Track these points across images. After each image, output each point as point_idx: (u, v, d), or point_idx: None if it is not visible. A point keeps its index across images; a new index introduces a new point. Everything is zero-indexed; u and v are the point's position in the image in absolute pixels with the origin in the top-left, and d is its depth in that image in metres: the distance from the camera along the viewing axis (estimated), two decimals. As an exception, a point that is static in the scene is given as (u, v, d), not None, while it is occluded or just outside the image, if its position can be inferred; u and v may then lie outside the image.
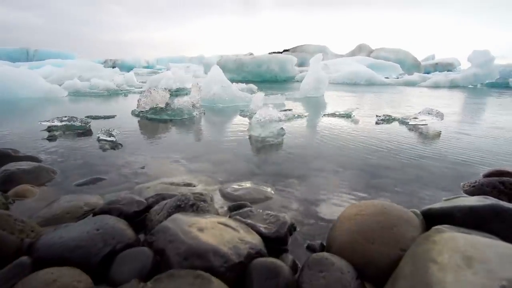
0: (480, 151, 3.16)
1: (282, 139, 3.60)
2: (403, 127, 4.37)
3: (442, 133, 3.98)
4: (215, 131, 4.15)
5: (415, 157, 2.95)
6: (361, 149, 3.20)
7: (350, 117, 4.98)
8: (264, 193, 2.02)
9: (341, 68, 17.04)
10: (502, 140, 3.66)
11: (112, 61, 50.45)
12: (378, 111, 5.87)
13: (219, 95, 6.52)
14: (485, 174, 2.38)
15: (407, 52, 26.57)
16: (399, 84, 15.83)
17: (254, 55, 22.37)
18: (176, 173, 2.47)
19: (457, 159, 2.89)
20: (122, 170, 2.55)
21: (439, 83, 14.31)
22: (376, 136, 3.77)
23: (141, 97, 5.14)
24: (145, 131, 4.12)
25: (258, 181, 2.29)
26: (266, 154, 3.08)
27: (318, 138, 3.66)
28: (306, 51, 28.80)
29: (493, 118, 5.28)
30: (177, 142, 3.49)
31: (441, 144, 3.46)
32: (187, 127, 4.36)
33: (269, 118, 3.57)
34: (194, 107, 5.22)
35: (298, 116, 4.97)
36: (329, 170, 2.56)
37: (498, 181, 1.98)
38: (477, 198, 1.48)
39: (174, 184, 2.20)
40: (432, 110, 4.38)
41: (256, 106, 5.18)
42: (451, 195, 2.09)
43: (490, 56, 14.29)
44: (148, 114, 5.06)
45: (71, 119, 4.21)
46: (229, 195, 1.99)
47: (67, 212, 1.71)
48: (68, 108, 6.82)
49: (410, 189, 2.18)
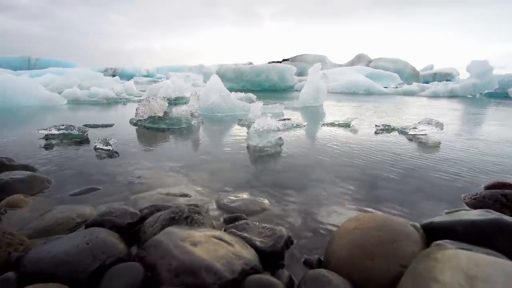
0: (481, 162, 3.13)
1: (280, 149, 3.57)
2: (403, 137, 4.35)
3: (442, 144, 3.96)
4: (213, 140, 4.12)
5: (415, 168, 2.91)
6: (360, 159, 3.17)
7: (349, 127, 4.96)
8: (261, 205, 1.98)
9: (340, 78, 17.13)
10: (503, 151, 3.63)
11: (113, 70, 50.75)
12: (377, 120, 5.86)
13: (218, 104, 6.52)
14: (487, 186, 2.34)
15: (405, 62, 26.78)
16: (398, 93, 15.90)
17: (254, 64, 22.54)
18: (173, 183, 2.43)
19: (458, 170, 2.85)
20: (118, 180, 2.51)
21: (438, 93, 14.37)
22: (375, 146, 3.74)
23: (139, 106, 5.13)
24: (142, 140, 4.09)
25: (255, 192, 2.25)
26: (264, 164, 3.05)
27: (317, 148, 3.63)
28: (305, 60, 29.03)
29: (493, 129, 5.26)
30: (174, 152, 3.45)
31: (441, 154, 3.43)
32: (185, 136, 4.34)
33: (267, 128, 3.54)
34: (192, 116, 5.21)
35: (297, 125, 4.95)
36: (327, 180, 2.53)
37: (500, 194, 1.95)
38: (479, 212, 1.45)
39: (170, 195, 2.16)
40: (431, 120, 4.37)
41: (255, 115, 5.17)
42: (452, 207, 2.05)
43: (488, 66, 14.38)
44: (146, 123, 5.04)
45: (68, 127, 4.18)
46: (225, 206, 1.95)
47: (59, 223, 1.67)
48: (66, 116, 6.80)
49: (410, 201, 2.14)
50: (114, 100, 10.17)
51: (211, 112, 6.56)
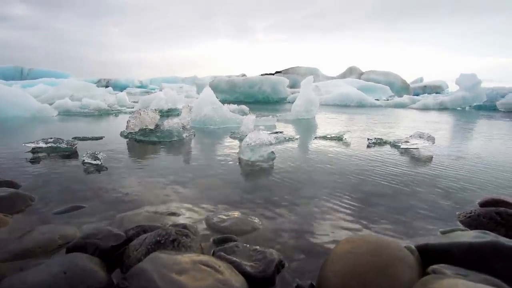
0: (474, 177, 3.13)
1: (272, 163, 3.53)
2: (395, 150, 4.35)
3: (434, 158, 3.97)
4: (204, 154, 4.06)
5: (408, 183, 2.89)
6: (353, 175, 3.14)
7: (341, 140, 4.96)
8: (252, 224, 1.92)
9: (332, 90, 17.33)
10: (494, 165, 3.65)
11: (106, 81, 50.61)
12: (369, 133, 5.88)
13: (210, 116, 6.48)
14: (481, 202, 2.33)
15: (396, 74, 27.27)
16: (389, 106, 16.11)
17: (247, 76, 22.70)
18: (161, 200, 2.35)
19: (451, 186, 2.84)
20: (105, 197, 2.42)
21: (428, 105, 14.60)
22: (368, 160, 3.73)
23: (130, 119, 5.06)
24: (132, 154, 4.01)
25: (247, 210, 2.19)
26: (256, 179, 2.99)
27: (309, 163, 3.60)
28: (297, 73, 29.37)
29: (484, 142, 5.32)
30: (164, 166, 3.38)
31: (433, 169, 3.43)
32: (176, 150, 4.27)
33: (259, 142, 3.51)
34: (184, 129, 5.15)
35: (289, 138, 4.93)
36: (320, 197, 2.48)
37: (495, 212, 1.92)
38: (475, 234, 1.41)
39: (158, 213, 2.09)
40: (423, 134, 4.39)
41: (247, 128, 5.13)
42: (446, 225, 2.02)
43: (477, 79, 14.71)
44: (137, 136, 4.97)
45: (57, 140, 4.09)
46: (215, 226, 1.88)
47: (40, 246, 1.58)
48: (56, 128, 6.68)
49: (404, 219, 2.10)
50: (106, 112, 10.06)
51: (203, 124, 6.51)
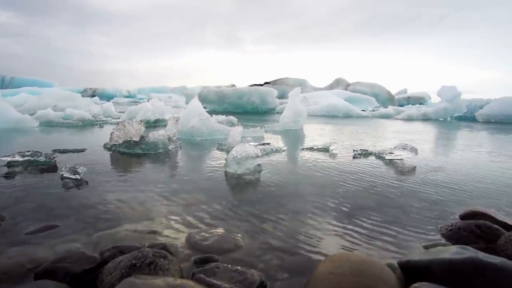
0: (455, 188, 3.17)
1: (259, 176, 3.50)
2: (380, 161, 4.40)
3: (417, 169, 4.03)
4: (190, 167, 4.00)
5: (392, 195, 2.91)
6: (338, 187, 3.14)
7: (328, 151, 4.98)
8: (235, 242, 1.87)
9: (320, 101, 17.57)
10: (474, 177, 3.72)
11: (92, 90, 49.91)
12: (356, 143, 5.95)
13: (198, 128, 6.43)
14: (461, 215, 2.35)
15: (381, 86, 27.94)
16: (375, 116, 16.42)
17: (236, 87, 22.81)
18: (143, 217, 2.28)
19: (433, 197, 2.87)
20: (83, 214, 2.33)
21: (412, 116, 14.97)
22: (353, 172, 3.74)
23: (114, 130, 4.96)
24: (115, 167, 3.91)
25: (231, 226, 2.14)
26: (242, 193, 2.95)
27: (296, 175, 3.58)
28: (286, 83, 29.71)
29: (464, 153, 5.45)
30: (147, 180, 3.29)
31: (416, 180, 3.47)
32: (161, 163, 4.19)
33: (245, 155, 3.48)
34: (170, 141, 5.08)
35: (277, 150, 4.92)
36: (305, 212, 2.46)
37: (474, 225, 1.94)
38: (455, 249, 1.41)
39: (138, 232, 2.01)
40: (406, 145, 4.46)
41: (234, 140, 5.11)
42: (429, 238, 2.03)
43: (457, 91, 15.23)
44: (121, 148, 4.86)
45: (34, 153, 3.95)
46: (196, 244, 1.82)
47: (5, 271, 1.49)
48: (36, 140, 6.49)
49: (388, 233, 2.10)
50: (90, 123, 9.86)
51: (190, 136, 6.45)
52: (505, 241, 1.54)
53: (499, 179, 3.59)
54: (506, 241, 1.53)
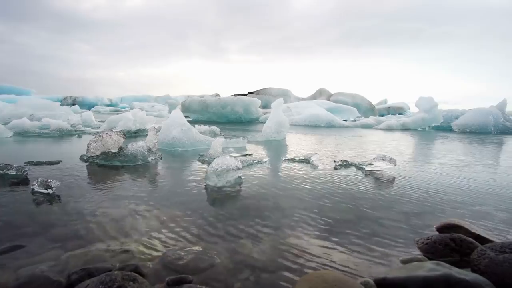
0: (432, 199, 3.24)
1: (239, 188, 3.46)
2: (360, 172, 4.46)
3: (396, 180, 4.10)
4: (169, 180, 3.90)
5: (370, 208, 2.93)
6: (318, 200, 3.14)
7: (309, 163, 5.01)
8: (211, 260, 1.82)
9: (303, 111, 17.79)
10: (451, 188, 3.82)
11: (72, 99, 48.63)
12: (337, 154, 6.01)
13: (179, 138, 6.34)
14: (438, 227, 2.39)
15: (363, 96, 28.67)
16: (357, 126, 16.77)
17: (220, 96, 22.80)
18: (116, 235, 2.19)
19: (411, 209, 2.92)
20: (52, 232, 2.21)
21: (392, 126, 15.37)
22: (334, 184, 3.77)
23: (91, 142, 4.80)
24: (91, 180, 3.76)
25: (208, 243, 2.09)
26: (221, 207, 2.90)
27: (276, 188, 3.56)
28: (270, 93, 30.00)
29: (441, 163, 5.61)
30: (123, 194, 3.19)
31: (395, 191, 3.52)
32: (139, 175, 4.07)
33: (225, 167, 3.44)
34: (150, 152, 4.96)
35: (258, 161, 4.90)
36: (284, 227, 2.43)
37: (449, 238, 1.97)
38: (430, 265, 1.42)
39: (110, 251, 1.93)
40: (385, 156, 4.55)
41: (215, 151, 5.06)
42: (407, 252, 2.04)
43: (434, 102, 15.80)
44: (98, 160, 4.71)
45: (4, 166, 3.77)
46: (171, 264, 1.76)
47: (-40, 299, 1.38)
48: (8, 151, 6.20)
49: (366, 247, 2.10)
50: (68, 132, 9.55)
51: (171, 147, 6.34)
52: (477, 255, 1.56)
53: (474, 189, 3.70)
54: (479, 255, 1.56)
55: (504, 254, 1.48)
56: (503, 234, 2.37)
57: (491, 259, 1.48)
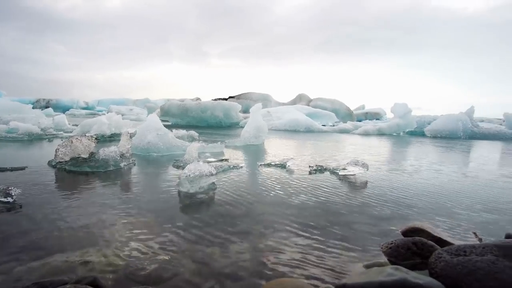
0: (400, 203, 3.33)
1: (213, 194, 3.42)
2: (334, 177, 4.53)
3: (368, 184, 4.20)
4: (140, 186, 3.80)
5: (342, 212, 2.98)
6: (291, 205, 3.16)
7: (285, 167, 5.04)
8: (176, 269, 1.77)
9: (283, 116, 17.96)
10: (419, 190, 3.95)
11: (46, 101, 46.73)
12: (313, 159, 6.09)
13: (154, 143, 6.21)
14: (402, 231, 2.46)
15: (341, 102, 29.36)
16: (335, 131, 17.12)
17: (200, 101, 22.62)
18: (78, 246, 2.09)
19: (380, 213, 2.99)
20: (9, 244, 2.09)
21: (368, 131, 15.81)
22: (307, 189, 3.80)
23: (59, 147, 4.61)
24: (57, 187, 3.60)
25: (175, 252, 2.04)
26: (192, 214, 2.85)
27: (250, 193, 3.55)
28: (250, 98, 30.12)
29: (412, 167, 5.81)
30: (90, 202, 3.07)
31: (366, 196, 3.60)
32: (110, 181, 3.94)
33: (199, 174, 3.39)
34: (122, 157, 4.83)
35: (234, 167, 4.88)
36: (254, 233, 2.42)
37: (411, 242, 2.03)
38: (389, 271, 1.45)
39: (69, 262, 1.84)
40: (358, 161, 4.66)
41: (191, 157, 5.00)
42: (372, 256, 2.08)
43: (408, 108, 16.42)
44: (67, 166, 4.52)
45: (-39, 174, 3.53)
46: (132, 275, 1.70)
47: None
48: (-31, 157, 5.83)
49: (333, 253, 2.12)
50: (38, 137, 9.13)
51: (146, 152, 6.20)
52: (434, 258, 1.62)
53: (442, 193, 3.84)
54: (436, 258, 1.61)
55: (458, 257, 1.54)
56: (466, 236, 2.47)
57: (446, 262, 1.54)
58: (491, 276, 1.36)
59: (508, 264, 1.39)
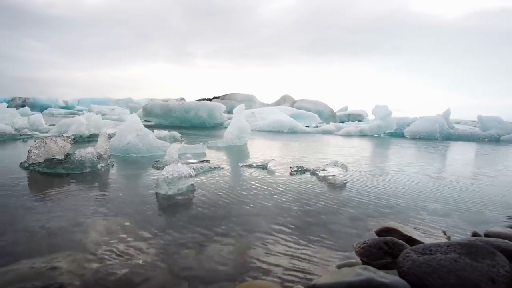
0: (377, 204, 3.41)
1: (191, 196, 3.39)
2: (314, 178, 4.58)
3: (347, 185, 4.27)
4: (117, 188, 3.72)
5: (320, 214, 3.01)
6: (270, 206, 3.17)
7: (266, 169, 5.06)
8: (147, 274, 1.74)
9: (267, 117, 18.02)
10: (396, 190, 4.06)
11: (22, 100, 44.96)
12: (295, 159, 6.14)
13: (134, 144, 6.09)
14: (376, 231, 2.52)
15: (325, 103, 29.76)
16: (318, 132, 17.34)
17: (184, 101, 22.37)
18: (46, 251, 2.02)
19: (357, 214, 3.04)
20: (-29, 250, 1.99)
21: (350, 132, 16.10)
22: (287, 190, 3.83)
23: (32, 148, 4.44)
24: (28, 190, 3.47)
25: (148, 256, 2.01)
26: (168, 217, 2.81)
27: (229, 195, 3.54)
28: (235, 99, 30.05)
29: (390, 168, 5.96)
30: (63, 204, 2.97)
31: (344, 196, 3.66)
32: (86, 184, 3.83)
33: (177, 175, 3.35)
34: (100, 159, 4.71)
35: (214, 168, 4.85)
36: (231, 234, 2.42)
37: (383, 242, 2.08)
38: (357, 271, 1.48)
39: (34, 269, 1.77)
40: (337, 162, 4.73)
41: (171, 158, 4.93)
42: (346, 257, 2.12)
43: (388, 110, 16.84)
44: (41, 168, 4.36)
45: None
46: (102, 280, 1.66)
47: None
48: None
49: (309, 253, 2.15)
50: (11, 137, 8.76)
51: (126, 153, 6.07)
52: (402, 258, 1.66)
53: (418, 193, 3.95)
54: (403, 258, 1.66)
55: (424, 256, 1.59)
56: (437, 235, 2.55)
57: (413, 261, 1.58)
58: (452, 273, 1.41)
59: (469, 262, 1.45)
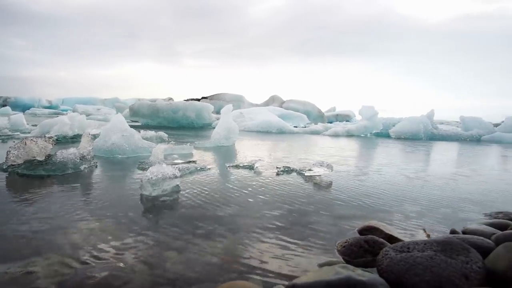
0: (362, 203, 3.45)
1: (176, 197, 3.36)
2: (300, 178, 4.62)
3: (332, 185, 4.31)
4: (101, 189, 3.65)
5: (305, 213, 3.03)
6: (255, 206, 3.18)
7: (253, 169, 5.06)
8: (127, 276, 1.71)
9: (255, 117, 18.04)
10: (381, 189, 4.13)
11: (3, 99, 43.61)
12: (282, 160, 6.17)
13: (119, 145, 5.99)
14: (359, 229, 2.56)
15: (313, 104, 30.02)
16: (306, 132, 17.48)
17: (172, 101, 22.15)
18: (23, 255, 1.97)
19: (341, 213, 3.07)
20: None
21: (338, 133, 16.30)
22: (273, 190, 3.84)
23: (11, 149, 4.31)
24: (6, 192, 3.37)
25: (129, 258, 1.98)
26: (152, 218, 2.78)
27: (214, 195, 3.53)
28: (223, 99, 29.98)
29: (376, 167, 6.06)
30: (43, 207, 2.89)
31: (329, 196, 3.70)
32: (68, 185, 3.75)
33: (161, 176, 3.32)
34: (83, 160, 4.61)
35: (201, 168, 4.82)
36: (214, 234, 2.41)
37: (364, 240, 2.12)
38: (337, 269, 1.50)
39: (9, 274, 1.72)
40: (323, 162, 4.78)
41: (156, 159, 4.88)
42: (328, 255, 2.14)
43: (374, 111, 17.13)
44: (20, 169, 4.24)
45: None
46: (79, 284, 1.62)
47: None
48: None
49: (292, 253, 2.16)
50: (-10, 138, 8.49)
51: (110, 154, 5.96)
52: (381, 255, 1.69)
53: (401, 192, 4.03)
54: (383, 255, 1.69)
55: (402, 254, 1.63)
56: (418, 233, 2.60)
57: (391, 258, 1.61)
58: (428, 270, 1.45)
59: (444, 258, 1.49)
